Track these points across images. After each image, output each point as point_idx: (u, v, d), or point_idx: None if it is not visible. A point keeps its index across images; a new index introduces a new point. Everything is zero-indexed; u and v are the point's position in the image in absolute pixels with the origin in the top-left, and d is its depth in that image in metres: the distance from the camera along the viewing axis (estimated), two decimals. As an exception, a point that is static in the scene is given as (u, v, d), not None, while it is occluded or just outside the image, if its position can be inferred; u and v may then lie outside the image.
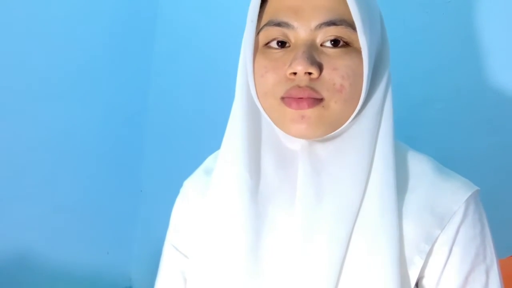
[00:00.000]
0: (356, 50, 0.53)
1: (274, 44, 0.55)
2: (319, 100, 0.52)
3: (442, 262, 0.56)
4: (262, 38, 0.55)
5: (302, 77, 0.51)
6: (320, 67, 0.52)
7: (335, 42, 0.53)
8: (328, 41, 0.53)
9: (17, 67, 1.31)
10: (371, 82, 0.56)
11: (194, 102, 1.46)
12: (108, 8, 1.48)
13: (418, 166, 0.59)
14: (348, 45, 0.53)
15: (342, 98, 0.52)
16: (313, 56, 0.52)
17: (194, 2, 1.46)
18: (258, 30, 0.56)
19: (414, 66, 0.93)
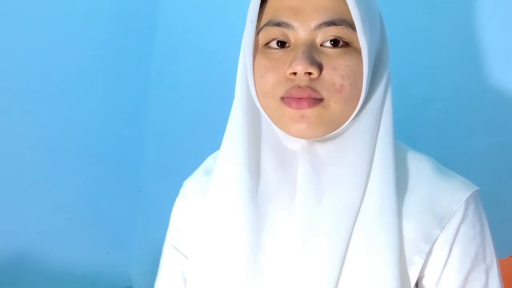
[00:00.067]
0: (356, 50, 0.53)
1: (274, 44, 0.55)
2: (319, 100, 0.52)
3: (442, 262, 0.56)
4: (262, 38, 0.55)
5: (302, 77, 0.51)
6: (320, 67, 0.52)
7: (335, 42, 0.53)
8: (328, 41, 0.53)
9: (17, 67, 1.31)
10: (371, 82, 0.56)
11: (194, 102, 1.46)
12: (108, 8, 1.48)
13: (418, 166, 0.59)
14: (348, 45, 0.53)
15: (342, 98, 0.52)
16: (313, 56, 0.52)
17: (194, 2, 1.46)
18: (258, 30, 0.56)
19: (414, 66, 0.93)
